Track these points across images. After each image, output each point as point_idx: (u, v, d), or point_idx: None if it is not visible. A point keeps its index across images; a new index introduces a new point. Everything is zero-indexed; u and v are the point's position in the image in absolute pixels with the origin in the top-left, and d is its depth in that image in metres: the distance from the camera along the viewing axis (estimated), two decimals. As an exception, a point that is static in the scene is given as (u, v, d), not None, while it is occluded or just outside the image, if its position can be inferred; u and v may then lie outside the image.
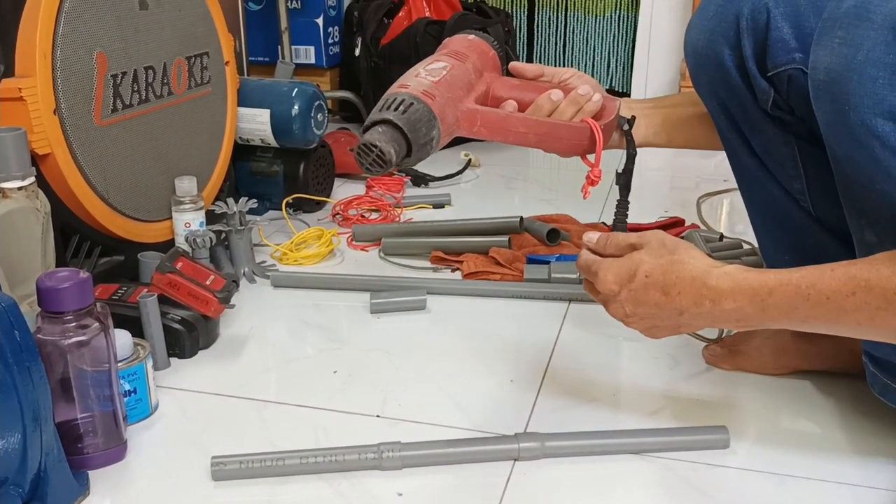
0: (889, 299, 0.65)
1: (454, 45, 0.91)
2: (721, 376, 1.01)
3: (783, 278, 0.70)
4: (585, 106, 0.87)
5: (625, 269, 0.77)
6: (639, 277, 0.76)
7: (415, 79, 0.83)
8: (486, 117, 0.86)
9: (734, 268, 0.73)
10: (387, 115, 0.79)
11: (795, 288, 0.69)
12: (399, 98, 0.80)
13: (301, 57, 2.22)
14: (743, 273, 0.72)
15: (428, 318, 1.18)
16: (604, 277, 0.78)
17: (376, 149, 0.78)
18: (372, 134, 0.80)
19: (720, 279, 0.72)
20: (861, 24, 0.65)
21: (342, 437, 0.89)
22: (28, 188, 0.94)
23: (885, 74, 0.64)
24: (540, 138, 0.87)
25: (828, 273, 0.68)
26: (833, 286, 0.67)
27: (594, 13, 2.63)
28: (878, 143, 0.66)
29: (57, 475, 0.76)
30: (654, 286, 0.75)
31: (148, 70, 1.20)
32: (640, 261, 0.76)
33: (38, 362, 0.73)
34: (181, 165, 1.29)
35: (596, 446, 0.86)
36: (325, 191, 1.64)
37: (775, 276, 0.70)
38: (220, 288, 1.05)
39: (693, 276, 0.73)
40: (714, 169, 1.88)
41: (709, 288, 0.73)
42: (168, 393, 0.98)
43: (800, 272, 0.69)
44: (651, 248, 0.77)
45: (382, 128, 0.80)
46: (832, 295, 0.67)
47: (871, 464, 0.84)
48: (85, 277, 0.80)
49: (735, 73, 0.84)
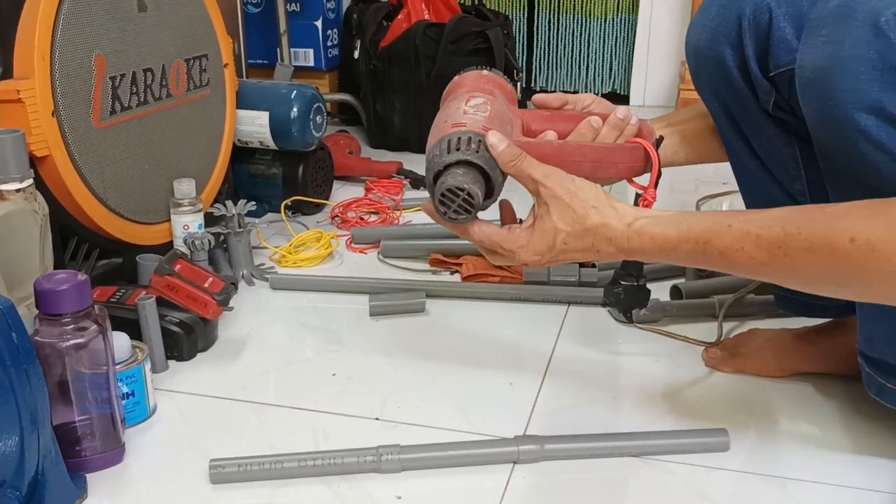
0: (773, 254, 0.67)
1: (475, 82, 0.86)
2: (721, 379, 1.01)
3: (685, 234, 0.73)
4: (626, 129, 0.86)
5: (543, 242, 0.77)
6: (558, 245, 0.77)
7: (465, 116, 0.78)
8: (541, 149, 0.80)
9: (643, 223, 0.75)
10: (462, 155, 0.74)
11: (694, 244, 0.72)
12: (466, 136, 0.75)
13: (300, 59, 2.22)
14: (651, 229, 0.74)
15: (427, 321, 1.18)
16: (523, 256, 0.79)
17: (463, 192, 0.74)
18: (454, 177, 0.74)
19: (630, 240, 0.75)
20: (844, 22, 0.67)
21: (341, 439, 0.89)
22: (26, 190, 0.93)
23: (867, 69, 0.65)
24: (595, 165, 0.83)
25: (724, 229, 0.70)
26: (726, 241, 0.70)
27: (594, 16, 2.63)
28: (863, 138, 0.67)
29: (54, 478, 0.75)
30: (574, 249, 0.78)
31: (147, 72, 1.20)
32: (556, 230, 0.76)
33: (35, 365, 0.72)
34: (180, 168, 1.29)
35: (595, 449, 0.86)
36: (323, 193, 1.64)
37: (678, 232, 0.73)
38: (218, 290, 1.05)
39: (608, 239, 0.76)
40: (713, 171, 1.87)
41: (622, 248, 0.76)
42: (166, 395, 0.97)
43: (703, 224, 0.72)
44: (561, 208, 0.76)
45: (462, 169, 0.74)
46: (724, 250, 0.70)
47: (873, 466, 0.84)
48: (83, 280, 0.79)
49: (737, 74, 0.84)
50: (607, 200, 0.77)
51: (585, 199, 0.76)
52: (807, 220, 0.66)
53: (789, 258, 0.67)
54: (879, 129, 0.66)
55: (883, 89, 0.65)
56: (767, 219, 0.69)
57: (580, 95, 0.92)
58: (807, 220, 0.66)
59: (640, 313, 1.13)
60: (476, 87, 0.85)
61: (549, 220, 0.77)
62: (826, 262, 0.65)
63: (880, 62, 0.65)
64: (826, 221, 0.65)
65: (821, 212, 0.67)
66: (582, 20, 2.65)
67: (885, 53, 0.64)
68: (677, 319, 1.15)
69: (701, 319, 1.14)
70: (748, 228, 0.69)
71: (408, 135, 2.05)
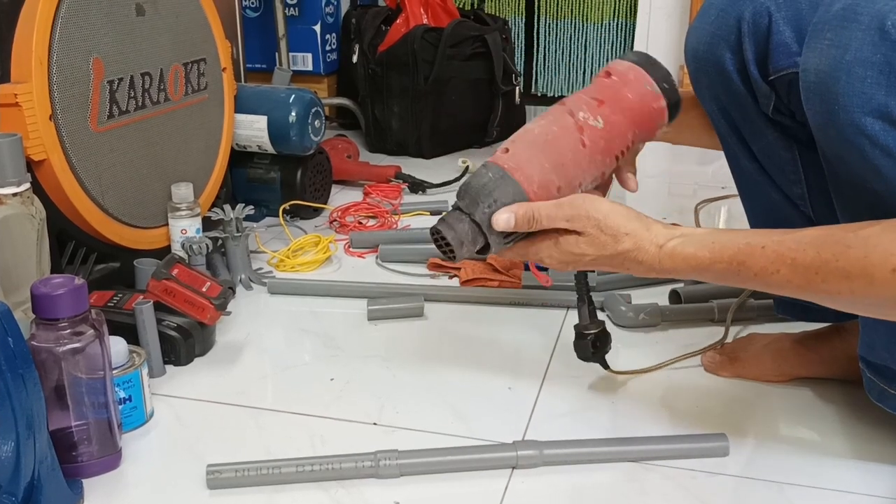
0: (809, 279, 0.68)
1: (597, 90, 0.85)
2: (720, 383, 1.00)
3: (717, 255, 0.73)
4: None
5: (568, 256, 0.79)
6: (585, 263, 0.79)
7: (512, 155, 0.81)
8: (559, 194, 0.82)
9: (674, 245, 0.76)
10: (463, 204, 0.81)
11: (727, 265, 0.73)
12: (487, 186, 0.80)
13: (298, 64, 2.22)
14: (682, 249, 0.75)
15: (425, 326, 1.17)
16: (548, 261, 0.81)
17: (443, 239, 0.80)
18: (443, 221, 0.82)
19: (664, 262, 0.76)
20: (849, 26, 0.66)
21: (339, 444, 0.89)
22: (23, 194, 0.93)
23: (873, 74, 0.65)
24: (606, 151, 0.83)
25: (758, 251, 0.71)
26: (761, 264, 0.71)
27: (592, 20, 2.63)
28: (868, 142, 0.66)
29: (51, 483, 0.75)
30: (601, 265, 0.79)
31: (145, 76, 1.20)
32: (583, 253, 0.78)
33: (32, 369, 0.72)
34: (178, 172, 1.28)
35: (594, 454, 0.86)
36: (322, 197, 1.64)
37: (710, 253, 0.74)
38: (216, 295, 1.05)
39: (639, 261, 0.77)
40: (712, 175, 1.88)
41: (653, 269, 0.77)
42: (163, 400, 0.97)
43: (735, 245, 0.73)
44: (591, 238, 0.77)
45: (458, 216, 0.81)
46: (759, 272, 0.71)
47: (872, 471, 0.84)
48: (80, 284, 0.79)
49: (736, 77, 0.84)
50: (640, 224, 0.77)
51: (616, 227, 0.77)
52: (842, 246, 0.67)
53: (827, 284, 0.67)
54: (886, 134, 0.65)
55: (889, 93, 0.65)
56: (801, 241, 0.69)
57: None
58: (842, 244, 0.67)
59: (639, 318, 1.13)
60: (587, 100, 0.84)
61: (576, 244, 0.78)
62: (865, 289, 0.66)
63: (886, 66, 0.64)
64: (863, 248, 0.65)
65: (855, 236, 0.67)
66: (580, 25, 2.65)
67: (891, 57, 0.64)
68: (676, 324, 1.14)
69: (700, 324, 1.14)
70: (782, 251, 0.69)
71: (406, 139, 2.04)
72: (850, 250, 0.66)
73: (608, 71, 0.86)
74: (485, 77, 2.10)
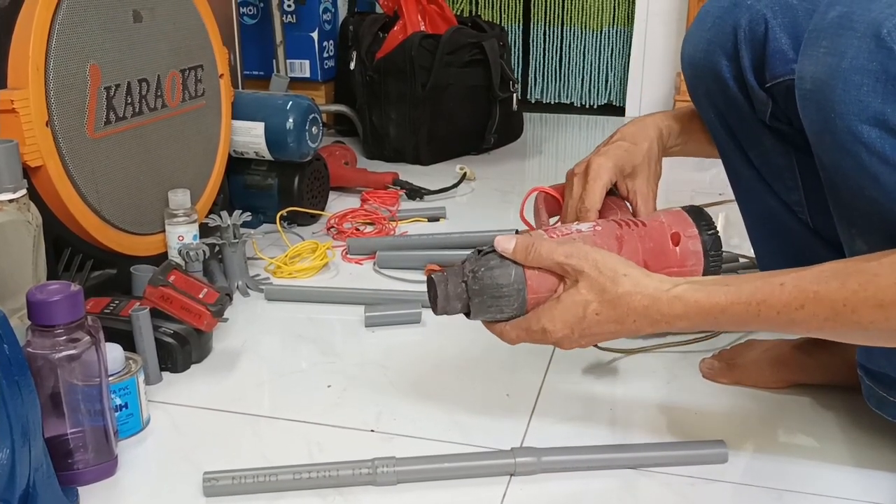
0: (837, 311, 0.66)
1: None
2: (718, 390, 1.00)
3: (733, 297, 0.70)
4: None
5: (570, 313, 0.75)
6: (589, 317, 0.74)
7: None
8: None
9: (683, 289, 0.72)
10: (457, 267, 0.80)
11: (745, 306, 0.69)
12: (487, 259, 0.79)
13: (296, 70, 2.22)
14: (693, 294, 0.71)
15: (423, 332, 1.17)
16: (551, 327, 0.76)
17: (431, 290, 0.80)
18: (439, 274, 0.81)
19: (671, 305, 0.72)
20: (844, 34, 0.66)
21: (336, 451, 0.88)
22: (19, 200, 0.93)
23: (869, 81, 0.65)
24: None
25: (777, 288, 0.68)
26: (783, 300, 0.68)
27: (590, 28, 2.64)
28: (865, 150, 0.66)
29: (46, 491, 0.75)
30: (606, 321, 0.74)
31: (142, 82, 1.20)
32: (585, 302, 0.74)
33: (27, 376, 0.72)
34: (175, 178, 1.28)
35: (593, 461, 0.85)
36: (319, 204, 1.63)
37: (725, 295, 0.70)
38: (213, 301, 1.04)
39: (645, 307, 0.73)
40: (709, 182, 1.88)
41: (662, 314, 0.72)
42: (160, 407, 0.97)
43: (751, 285, 0.70)
44: (590, 280, 0.74)
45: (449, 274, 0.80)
46: (782, 310, 0.68)
47: (871, 478, 0.84)
48: (76, 290, 0.79)
49: (733, 85, 0.84)
50: (639, 270, 0.75)
51: (615, 267, 0.74)
52: (868, 275, 0.65)
53: (857, 314, 0.65)
54: (883, 141, 0.65)
55: (885, 101, 0.65)
56: (820, 275, 0.67)
57: None
58: (867, 273, 0.65)
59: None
60: None
61: (576, 292, 0.75)
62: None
63: (883, 74, 0.64)
64: (893, 274, 0.64)
65: (879, 264, 0.65)
66: (578, 32, 2.66)
67: (887, 65, 0.64)
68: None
69: (698, 330, 1.14)
70: (804, 286, 0.67)
71: (404, 146, 2.04)
72: (878, 278, 0.64)
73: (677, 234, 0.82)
74: (482, 84, 2.10)
